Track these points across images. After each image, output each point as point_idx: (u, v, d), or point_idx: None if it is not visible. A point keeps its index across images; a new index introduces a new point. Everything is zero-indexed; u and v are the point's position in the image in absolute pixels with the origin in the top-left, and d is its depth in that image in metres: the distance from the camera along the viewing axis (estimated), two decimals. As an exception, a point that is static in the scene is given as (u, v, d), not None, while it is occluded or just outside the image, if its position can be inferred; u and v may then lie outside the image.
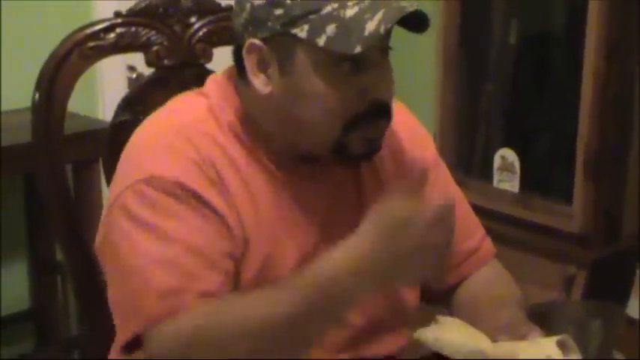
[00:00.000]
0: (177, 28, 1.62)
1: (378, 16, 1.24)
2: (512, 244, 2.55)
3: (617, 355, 1.27)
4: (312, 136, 1.32)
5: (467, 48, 2.90)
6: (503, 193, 2.76)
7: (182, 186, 1.28)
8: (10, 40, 2.69)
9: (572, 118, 2.56)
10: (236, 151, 1.34)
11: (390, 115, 1.34)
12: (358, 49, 1.23)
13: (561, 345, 1.23)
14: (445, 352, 1.27)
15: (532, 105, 2.81)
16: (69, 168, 1.99)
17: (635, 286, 1.27)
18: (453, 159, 2.81)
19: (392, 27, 1.25)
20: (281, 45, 1.28)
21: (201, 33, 1.64)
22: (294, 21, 1.26)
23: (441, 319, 1.31)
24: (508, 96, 2.90)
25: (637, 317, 1.26)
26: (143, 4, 1.59)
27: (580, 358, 1.23)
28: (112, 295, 1.32)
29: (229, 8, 1.65)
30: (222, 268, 1.28)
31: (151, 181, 1.28)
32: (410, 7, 1.26)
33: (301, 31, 1.26)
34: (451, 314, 1.47)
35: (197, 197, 1.28)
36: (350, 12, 1.25)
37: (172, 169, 1.29)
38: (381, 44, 1.29)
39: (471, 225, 1.54)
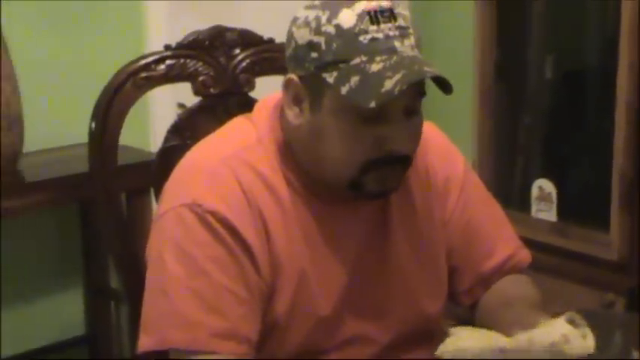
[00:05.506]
0: (222, 59, 1.70)
1: (397, 76, 1.28)
2: (551, 272, 2.57)
3: (635, 354, 1.32)
4: (331, 171, 1.38)
5: (504, 81, 2.94)
6: (541, 223, 2.80)
7: (217, 216, 1.35)
8: (65, 78, 2.78)
9: (607, 149, 2.59)
10: (277, 180, 1.40)
11: (409, 163, 1.39)
12: (372, 105, 1.28)
13: (570, 321, 1.29)
14: (470, 357, 1.32)
15: (568, 136, 2.85)
16: (122, 197, 2.05)
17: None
18: (492, 190, 2.79)
19: (407, 88, 1.28)
20: (313, 85, 1.35)
21: (244, 64, 1.72)
22: (326, 66, 1.33)
23: (451, 330, 1.37)
24: (545, 128, 2.94)
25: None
26: (191, 38, 1.68)
27: (588, 329, 1.30)
28: (144, 302, 1.38)
29: (270, 41, 1.75)
30: (241, 306, 1.34)
31: (192, 207, 1.35)
32: (429, 72, 1.30)
33: (330, 77, 1.32)
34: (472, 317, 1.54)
35: (229, 228, 1.35)
36: (375, 67, 1.30)
37: (212, 197, 1.36)
38: (404, 104, 1.33)
39: (499, 241, 1.58)
